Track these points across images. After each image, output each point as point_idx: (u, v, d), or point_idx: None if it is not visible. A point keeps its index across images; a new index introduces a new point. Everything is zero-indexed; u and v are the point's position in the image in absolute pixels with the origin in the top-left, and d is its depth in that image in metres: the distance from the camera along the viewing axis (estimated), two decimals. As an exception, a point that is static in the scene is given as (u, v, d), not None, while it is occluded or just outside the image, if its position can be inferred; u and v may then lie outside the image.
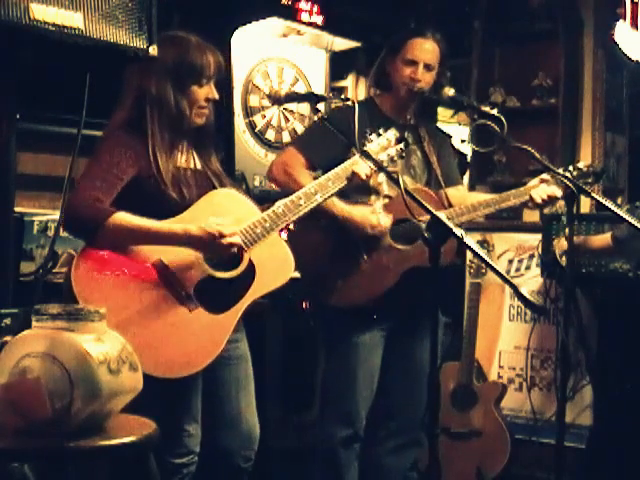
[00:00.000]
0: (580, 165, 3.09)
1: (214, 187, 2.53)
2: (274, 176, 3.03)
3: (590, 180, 3.05)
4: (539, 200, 3.01)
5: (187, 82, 2.46)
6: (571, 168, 3.05)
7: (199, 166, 2.56)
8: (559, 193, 3.01)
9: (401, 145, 2.72)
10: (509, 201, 3.07)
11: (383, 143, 2.69)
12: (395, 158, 2.71)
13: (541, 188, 3.02)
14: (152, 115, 2.44)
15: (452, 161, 3.31)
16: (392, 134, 2.71)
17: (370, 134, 2.75)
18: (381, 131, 2.72)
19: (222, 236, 2.35)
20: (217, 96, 2.52)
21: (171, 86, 2.45)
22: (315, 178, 2.81)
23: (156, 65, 2.45)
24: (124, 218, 2.30)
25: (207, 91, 2.49)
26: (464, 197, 3.18)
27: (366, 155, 2.57)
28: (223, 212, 2.45)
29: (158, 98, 2.44)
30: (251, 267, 2.44)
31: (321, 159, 2.99)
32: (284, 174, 2.99)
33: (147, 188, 2.40)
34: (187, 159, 2.54)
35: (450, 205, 3.10)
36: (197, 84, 2.48)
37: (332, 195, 2.65)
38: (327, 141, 2.89)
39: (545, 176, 3.05)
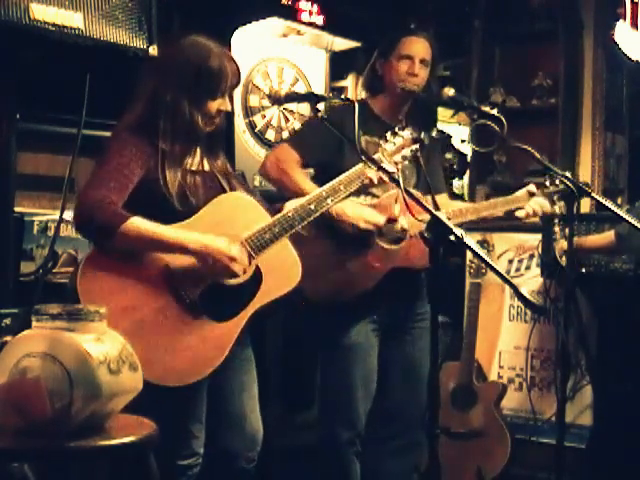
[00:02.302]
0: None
1: (222, 189, 2.50)
2: (267, 171, 2.99)
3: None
4: (530, 212, 3.02)
5: (202, 96, 2.42)
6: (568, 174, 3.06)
7: (207, 168, 2.54)
8: (547, 207, 3.03)
9: (416, 145, 2.69)
10: (495, 209, 3.07)
11: (399, 142, 2.67)
12: (409, 159, 2.69)
13: (534, 201, 3.04)
14: (165, 123, 2.40)
15: (438, 168, 3.29)
16: (408, 133, 2.68)
17: (387, 133, 2.72)
18: (397, 129, 2.70)
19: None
20: (230, 108, 2.49)
21: (186, 98, 2.40)
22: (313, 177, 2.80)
23: (173, 72, 2.42)
24: (139, 225, 2.25)
25: (220, 103, 2.46)
26: (445, 206, 3.15)
27: (364, 155, 2.56)
28: (232, 218, 2.43)
29: (172, 108, 2.40)
30: (258, 273, 2.42)
31: (315, 158, 2.97)
32: (277, 170, 2.94)
33: (152, 191, 2.37)
34: (196, 162, 2.51)
35: (437, 209, 3.09)
36: (212, 98, 2.44)
37: (343, 199, 2.61)
38: (322, 140, 2.87)
39: (531, 188, 3.05)
